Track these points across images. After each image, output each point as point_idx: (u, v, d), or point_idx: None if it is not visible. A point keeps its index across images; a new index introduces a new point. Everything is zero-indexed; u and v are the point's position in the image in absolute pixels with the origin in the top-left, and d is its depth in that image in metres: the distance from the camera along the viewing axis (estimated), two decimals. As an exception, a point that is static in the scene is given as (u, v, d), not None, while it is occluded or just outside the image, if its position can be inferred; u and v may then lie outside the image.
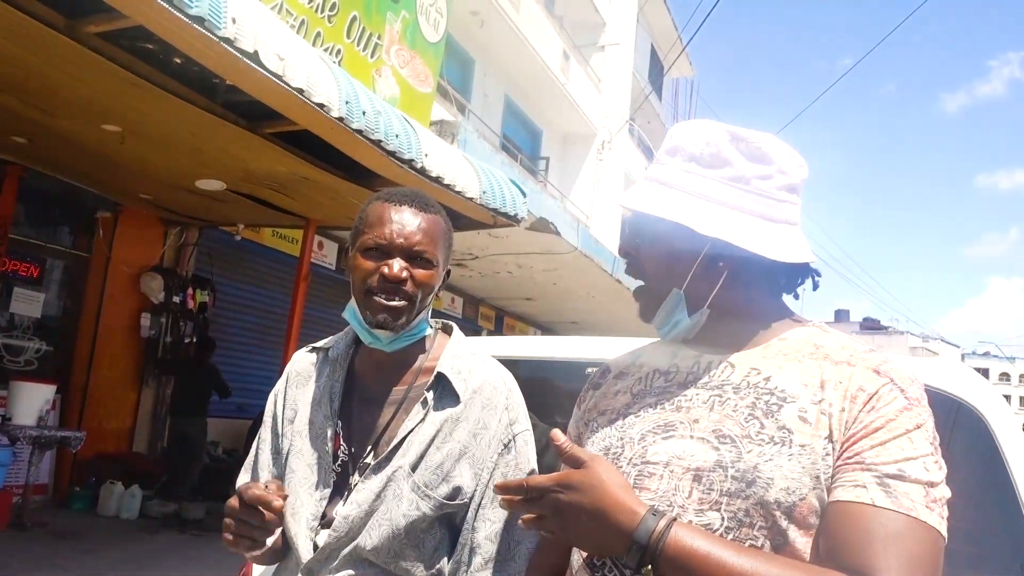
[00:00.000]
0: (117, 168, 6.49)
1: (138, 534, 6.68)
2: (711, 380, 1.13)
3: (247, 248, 8.91)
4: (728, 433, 1.06)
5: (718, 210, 1.12)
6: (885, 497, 0.96)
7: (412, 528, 1.35)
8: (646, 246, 1.20)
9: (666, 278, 1.17)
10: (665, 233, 1.15)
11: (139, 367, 8.19)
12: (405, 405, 1.42)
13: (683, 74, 23.99)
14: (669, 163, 1.17)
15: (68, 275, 7.87)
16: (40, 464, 6.63)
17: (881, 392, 1.03)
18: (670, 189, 1.15)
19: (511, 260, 10.28)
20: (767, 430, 1.04)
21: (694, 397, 1.13)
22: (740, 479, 1.02)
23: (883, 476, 0.97)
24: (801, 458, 1.01)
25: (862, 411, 1.02)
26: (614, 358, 1.35)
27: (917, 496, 0.96)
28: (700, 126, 1.18)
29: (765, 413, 1.06)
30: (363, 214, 1.44)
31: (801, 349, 1.12)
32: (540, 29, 14.66)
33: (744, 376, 1.11)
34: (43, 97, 5.04)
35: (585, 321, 14.93)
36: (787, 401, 1.06)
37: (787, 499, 1.00)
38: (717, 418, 1.08)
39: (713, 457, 1.05)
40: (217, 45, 3.82)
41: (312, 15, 5.74)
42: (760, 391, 1.08)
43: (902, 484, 0.97)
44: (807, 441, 1.02)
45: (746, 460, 1.02)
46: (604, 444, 1.17)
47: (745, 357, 1.14)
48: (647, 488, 1.08)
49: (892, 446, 0.99)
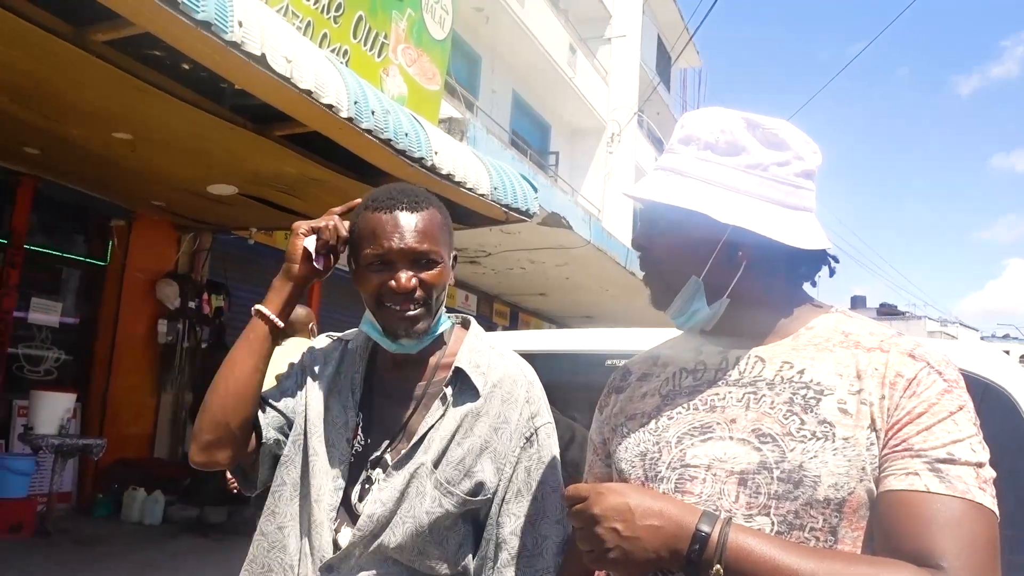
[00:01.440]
0: (129, 175, 6.52)
1: (161, 539, 6.72)
2: (743, 377, 1.11)
3: (260, 252, 8.93)
4: (768, 432, 1.04)
5: (736, 198, 1.10)
6: (939, 482, 0.95)
7: (436, 525, 1.34)
8: (662, 237, 1.17)
9: (683, 268, 1.15)
10: (682, 223, 1.13)
11: (157, 373, 8.23)
12: (424, 401, 1.41)
13: (691, 64, 23.88)
14: (683, 152, 1.15)
15: (84, 284, 7.92)
16: (63, 472, 6.68)
17: (920, 376, 1.02)
18: (685, 178, 1.13)
19: (524, 256, 10.26)
20: (808, 426, 1.02)
21: (727, 396, 1.10)
22: (787, 480, 1.00)
23: (933, 461, 0.96)
24: (846, 451, 0.99)
25: (903, 397, 1.00)
26: (631, 359, 1.33)
27: (969, 478, 0.95)
28: (714, 113, 1.16)
29: (804, 408, 1.03)
30: (356, 227, 1.41)
31: (831, 338, 1.10)
32: (545, 23, 14.62)
33: (777, 371, 1.09)
34: (53, 107, 5.07)
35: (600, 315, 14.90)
36: (824, 394, 1.04)
37: (836, 495, 0.98)
38: (755, 416, 1.06)
39: (756, 458, 1.03)
40: (224, 49, 3.82)
41: (318, 16, 5.73)
42: (796, 385, 1.06)
43: (953, 467, 0.96)
44: (850, 433, 1.00)
45: (791, 459, 1.00)
46: (639, 449, 1.15)
47: (775, 350, 1.12)
48: (690, 492, 1.05)
49: (938, 430, 0.98)
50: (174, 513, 7.35)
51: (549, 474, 1.40)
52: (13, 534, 5.98)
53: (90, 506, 7.32)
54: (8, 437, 6.84)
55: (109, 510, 7.27)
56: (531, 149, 15.37)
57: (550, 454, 1.42)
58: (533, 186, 6.66)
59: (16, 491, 6.12)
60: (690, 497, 1.05)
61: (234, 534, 6.93)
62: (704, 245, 1.12)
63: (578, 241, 9.18)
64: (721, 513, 1.00)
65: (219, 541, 6.83)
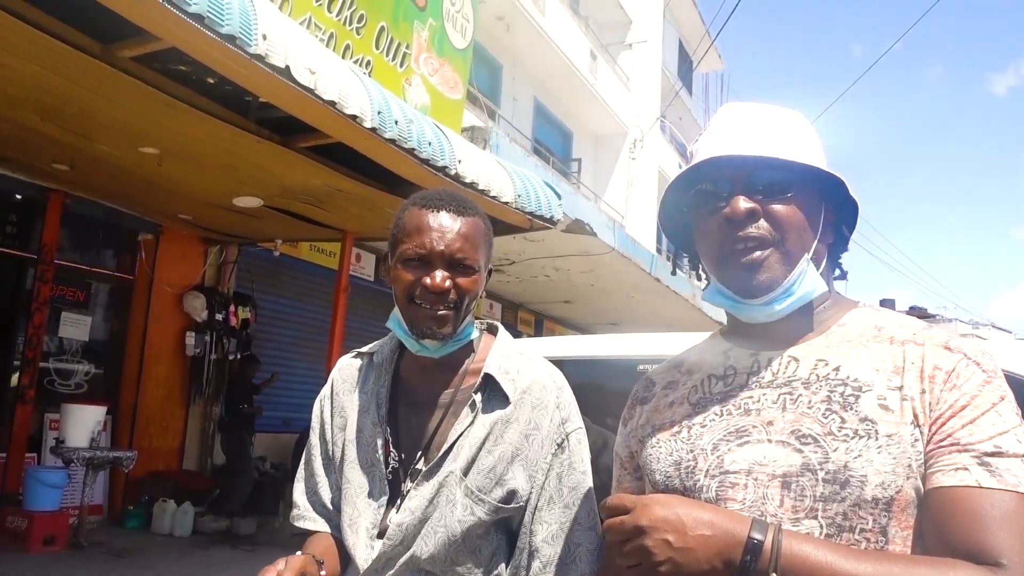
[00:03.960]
0: (156, 190, 6.60)
1: (192, 550, 6.76)
2: (776, 378, 1.07)
3: (286, 263, 9.00)
4: (808, 432, 1.00)
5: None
6: (989, 477, 0.92)
7: (468, 534, 1.32)
8: (793, 200, 1.06)
9: (804, 238, 1.07)
10: (806, 182, 1.07)
11: (186, 385, 8.30)
12: (453, 408, 1.39)
13: (713, 68, 23.73)
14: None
15: (113, 298, 8.02)
16: (94, 485, 6.75)
17: (958, 368, 0.99)
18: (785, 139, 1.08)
19: (548, 263, 10.24)
20: (849, 424, 0.99)
21: (761, 398, 1.06)
22: (832, 481, 0.97)
23: (982, 455, 0.94)
24: (891, 448, 0.96)
25: (943, 390, 0.98)
26: (653, 369, 1.29)
27: (1019, 470, 0.93)
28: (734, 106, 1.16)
29: (843, 406, 1.00)
30: (400, 221, 1.39)
31: (864, 333, 1.07)
32: (566, 30, 14.63)
33: (811, 369, 1.06)
34: (82, 123, 5.14)
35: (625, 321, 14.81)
36: (863, 390, 1.01)
37: (884, 494, 0.96)
38: (792, 417, 1.02)
39: (799, 460, 0.99)
40: (249, 62, 3.85)
41: (341, 28, 5.77)
42: (832, 383, 1.03)
43: (1003, 460, 0.93)
44: (893, 430, 0.97)
45: (834, 460, 0.97)
46: (673, 459, 1.10)
47: (807, 349, 1.08)
48: (732, 499, 1.02)
49: (982, 422, 0.95)
50: (204, 524, 7.40)
51: (581, 480, 1.38)
52: (47, 547, 6.05)
53: (121, 518, 7.38)
54: (40, 450, 6.94)
55: (140, 522, 7.33)
56: (554, 156, 15.36)
57: (581, 460, 1.39)
58: (557, 193, 6.65)
59: (49, 504, 6.19)
60: (733, 504, 1.01)
61: (264, 544, 6.97)
62: (818, 217, 1.09)
63: (603, 248, 9.14)
64: (769, 519, 0.97)
65: (250, 552, 6.86)
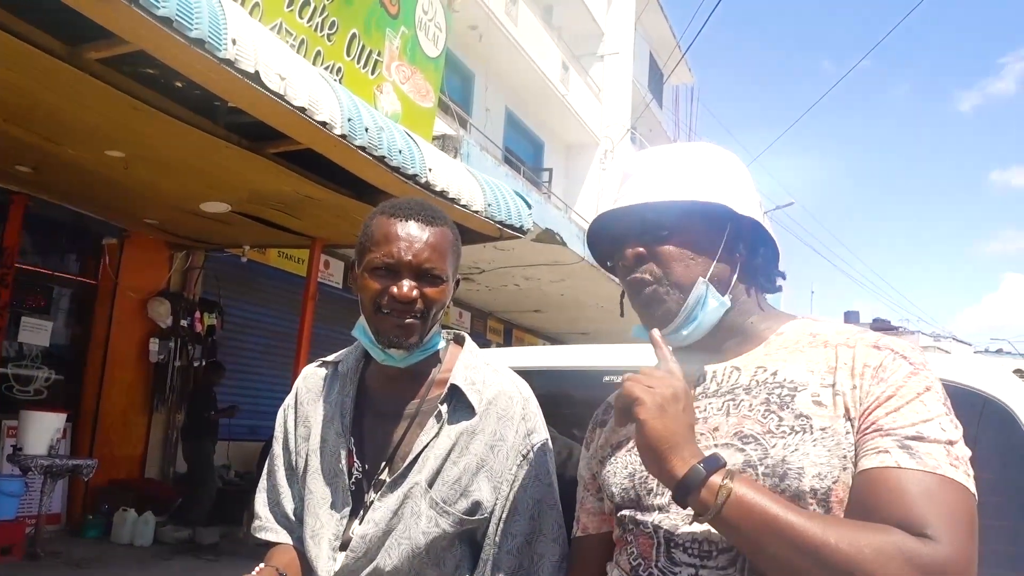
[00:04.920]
0: (122, 194, 6.50)
1: (153, 561, 6.64)
2: (720, 387, 1.13)
3: (253, 270, 8.91)
4: (750, 433, 1.06)
5: (730, 191, 1.15)
6: (909, 459, 0.96)
7: (432, 546, 1.32)
8: (672, 237, 1.14)
9: (693, 269, 1.13)
10: (692, 219, 1.14)
11: (149, 392, 8.17)
12: (419, 419, 1.38)
13: (683, 81, 24.00)
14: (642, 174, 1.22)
15: (76, 303, 7.88)
16: (52, 493, 6.59)
17: (885, 362, 1.04)
18: (682, 175, 1.16)
19: (518, 272, 10.25)
20: (786, 421, 1.04)
21: (708, 407, 1.12)
22: (772, 474, 1.01)
23: (903, 439, 0.98)
24: (825, 441, 1.01)
25: (872, 384, 1.03)
26: (614, 394, 1.31)
27: (939, 455, 0.96)
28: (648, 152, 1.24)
29: (780, 406, 1.06)
30: (367, 230, 1.39)
31: (800, 340, 1.13)
32: (539, 41, 14.70)
33: (752, 376, 1.11)
34: (47, 125, 5.05)
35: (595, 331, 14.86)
36: (798, 390, 1.06)
37: (821, 485, 1.00)
38: (735, 421, 1.08)
39: (740, 458, 1.04)
40: (218, 67, 3.82)
41: (311, 34, 5.74)
42: (771, 386, 1.09)
43: (923, 444, 0.97)
44: (827, 424, 1.02)
45: (773, 455, 1.02)
46: (628, 472, 1.16)
47: (748, 358, 1.14)
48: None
49: (906, 410, 1.00)
50: (166, 534, 7.27)
51: (546, 492, 1.38)
52: (3, 557, 5.90)
53: (80, 528, 7.23)
54: (-3, 458, 6.78)
55: (99, 532, 7.18)
56: (525, 166, 15.40)
57: (547, 472, 1.40)
58: (527, 202, 6.66)
59: (5, 513, 6.04)
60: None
61: (227, 555, 6.86)
62: (711, 243, 1.14)
63: (573, 257, 9.17)
64: None
65: (212, 562, 6.76)
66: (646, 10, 19.66)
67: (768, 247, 1.19)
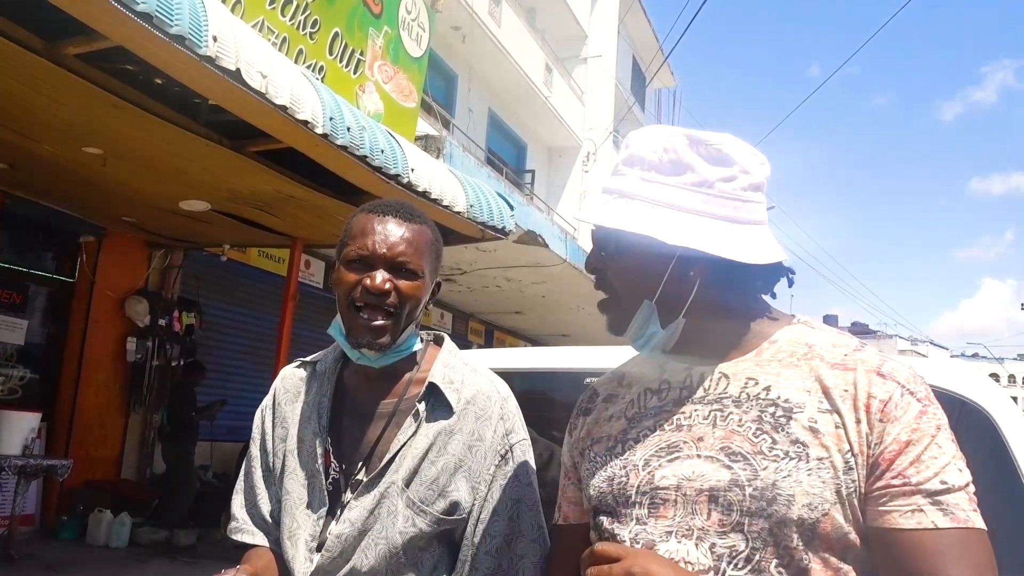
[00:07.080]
0: (100, 191, 6.43)
1: (128, 563, 6.56)
2: (707, 394, 1.10)
3: (233, 269, 8.84)
4: (739, 450, 1.03)
5: (684, 217, 1.09)
6: (943, 516, 0.96)
7: (409, 546, 1.31)
8: (614, 260, 1.15)
9: (637, 291, 1.13)
10: (632, 245, 1.11)
11: (126, 392, 8.08)
12: (396, 418, 1.38)
13: (665, 84, 24.13)
14: (629, 173, 1.13)
15: (52, 301, 7.78)
16: (26, 494, 6.51)
17: (894, 398, 1.01)
18: (632, 200, 1.11)
19: (499, 274, 10.25)
20: (780, 445, 1.01)
21: (693, 414, 1.09)
22: (759, 497, 0.99)
23: (931, 494, 0.97)
24: (821, 472, 0.99)
25: (882, 421, 1.00)
26: (598, 379, 1.31)
27: (965, 504, 0.97)
28: (657, 132, 1.14)
29: (774, 427, 1.03)
30: (348, 226, 1.41)
31: (795, 351, 1.09)
32: (522, 43, 14.71)
33: (742, 388, 1.08)
34: (23, 121, 4.99)
35: (577, 333, 14.89)
36: (794, 412, 1.03)
37: (810, 516, 0.98)
38: (723, 434, 1.05)
39: (727, 476, 1.01)
40: (198, 64, 3.78)
41: (294, 32, 5.71)
42: (763, 403, 1.05)
43: (951, 496, 0.97)
44: (824, 454, 1.00)
45: (763, 477, 1.00)
46: (607, 475, 1.13)
47: (738, 366, 1.11)
48: (664, 516, 1.04)
49: (926, 458, 0.98)
50: (142, 536, 7.19)
51: (525, 492, 1.38)
52: (-26, 558, 5.82)
53: (54, 529, 7.14)
54: (-30, 458, 6.67)
55: (74, 533, 7.09)
56: (507, 167, 15.41)
57: (526, 472, 1.39)
58: (509, 204, 6.66)
59: (-22, 514, 5.96)
60: (664, 520, 1.04)
61: (205, 557, 6.80)
62: (655, 267, 1.11)
63: (554, 259, 9.19)
64: (696, 532, 1.01)
65: (189, 564, 6.69)
66: (629, 13, 19.74)
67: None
